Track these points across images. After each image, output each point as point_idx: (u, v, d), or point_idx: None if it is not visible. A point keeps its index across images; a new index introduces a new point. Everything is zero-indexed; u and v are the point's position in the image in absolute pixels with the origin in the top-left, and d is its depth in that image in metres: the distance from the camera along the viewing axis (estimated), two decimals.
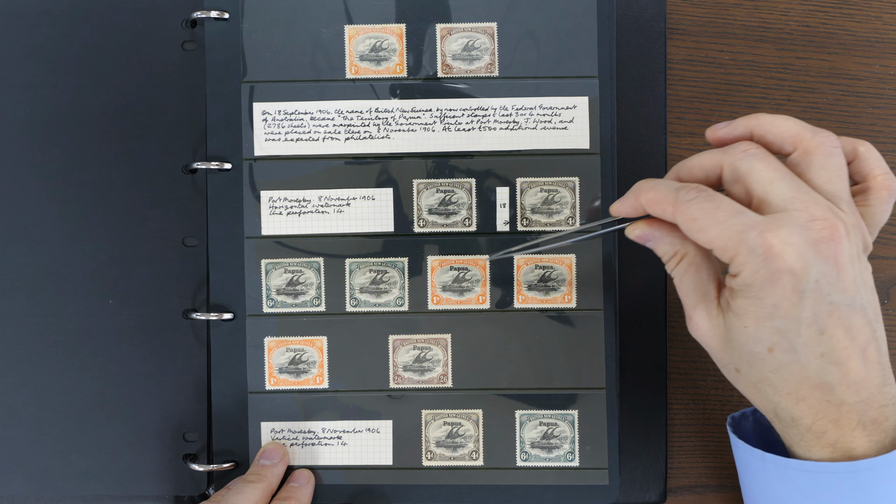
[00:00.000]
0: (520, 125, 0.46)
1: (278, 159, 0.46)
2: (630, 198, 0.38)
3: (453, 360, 0.46)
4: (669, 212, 0.36)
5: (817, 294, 0.34)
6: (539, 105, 0.46)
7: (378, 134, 0.46)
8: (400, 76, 0.46)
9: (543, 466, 0.46)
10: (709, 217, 0.35)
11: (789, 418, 0.36)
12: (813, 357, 0.35)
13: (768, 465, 0.38)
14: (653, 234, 0.38)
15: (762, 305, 0.34)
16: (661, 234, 0.38)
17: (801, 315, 0.34)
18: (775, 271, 0.34)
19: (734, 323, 0.36)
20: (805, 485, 0.37)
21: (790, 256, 0.34)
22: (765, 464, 0.38)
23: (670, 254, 0.38)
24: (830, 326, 0.34)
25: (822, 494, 0.36)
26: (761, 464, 0.39)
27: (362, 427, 0.46)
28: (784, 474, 0.37)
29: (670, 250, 0.38)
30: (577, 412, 0.46)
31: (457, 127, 0.46)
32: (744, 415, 0.43)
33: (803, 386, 0.35)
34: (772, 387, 0.36)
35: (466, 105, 0.46)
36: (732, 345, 0.36)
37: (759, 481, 0.39)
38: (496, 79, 0.46)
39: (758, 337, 0.35)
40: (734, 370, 0.37)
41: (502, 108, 0.46)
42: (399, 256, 0.46)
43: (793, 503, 0.38)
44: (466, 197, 0.46)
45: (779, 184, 0.35)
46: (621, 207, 0.39)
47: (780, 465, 0.37)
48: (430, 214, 0.46)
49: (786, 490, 0.38)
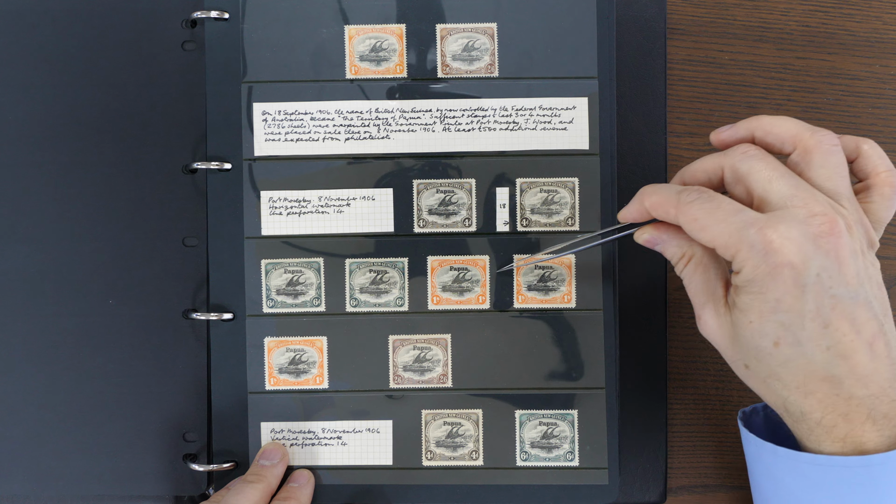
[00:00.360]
0: (519, 126, 0.46)
1: (278, 159, 0.46)
2: (636, 203, 0.39)
3: (453, 360, 0.46)
4: (672, 214, 0.37)
5: (819, 287, 0.34)
6: (539, 105, 0.46)
7: (378, 134, 0.46)
8: (400, 76, 0.46)
9: (543, 466, 0.46)
10: (709, 216, 0.36)
11: (799, 413, 0.37)
12: (819, 350, 0.35)
13: (780, 459, 0.38)
14: (660, 237, 0.39)
15: (765, 300, 0.35)
16: (668, 236, 0.39)
17: (804, 308, 0.35)
18: (776, 266, 0.34)
19: (740, 319, 0.36)
20: (817, 478, 0.37)
21: (789, 251, 0.34)
22: (776, 458, 0.39)
23: (678, 256, 0.39)
24: (835, 319, 0.35)
25: (835, 488, 0.36)
26: (773, 458, 0.39)
27: (362, 427, 0.46)
28: (796, 468, 0.38)
29: (678, 252, 0.39)
30: (577, 412, 0.46)
31: (457, 127, 0.46)
32: (754, 410, 0.43)
33: (811, 379, 0.36)
34: (780, 381, 0.36)
35: (466, 105, 0.46)
36: (740, 341, 0.37)
37: (771, 475, 0.40)
38: (496, 79, 0.46)
39: (763, 331, 0.35)
40: (743, 366, 0.38)
41: (502, 108, 0.46)
42: (399, 257, 0.46)
43: (805, 497, 0.38)
44: (466, 197, 0.46)
45: (778, 182, 0.36)
46: (628, 213, 0.40)
47: (792, 458, 0.38)
48: (430, 215, 0.46)
49: (798, 484, 0.38)
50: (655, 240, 0.39)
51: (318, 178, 0.46)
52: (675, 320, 0.48)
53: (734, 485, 0.48)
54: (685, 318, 0.48)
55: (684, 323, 0.48)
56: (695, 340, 0.48)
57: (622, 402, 0.47)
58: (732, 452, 0.48)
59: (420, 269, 0.46)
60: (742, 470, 0.48)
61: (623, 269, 0.46)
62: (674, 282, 0.48)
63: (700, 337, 0.48)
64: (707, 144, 0.48)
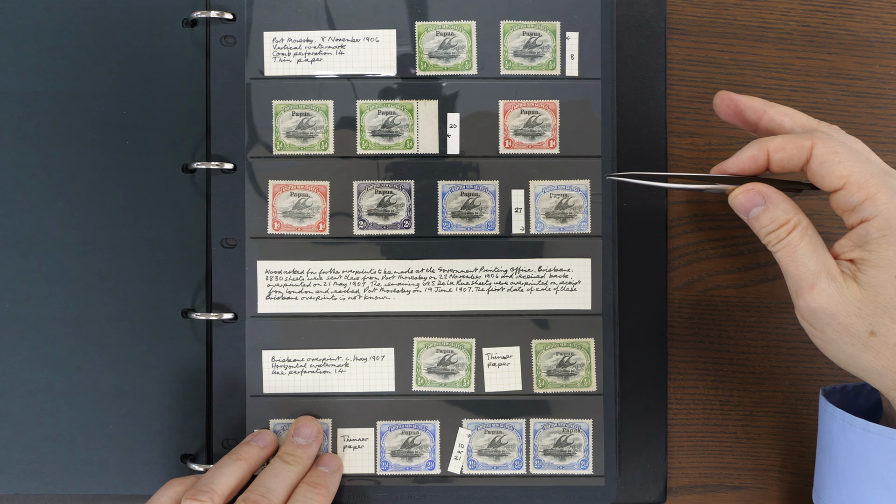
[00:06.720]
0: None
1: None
2: (751, 149, 0.37)
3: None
4: (807, 146, 0.35)
5: None
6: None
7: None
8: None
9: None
10: (849, 153, 0.34)
11: None
12: None
13: (870, 435, 0.38)
14: (768, 195, 0.37)
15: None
16: (778, 197, 0.37)
17: None
18: None
19: (877, 277, 0.34)
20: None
21: None
22: (866, 433, 0.38)
23: (781, 221, 0.36)
24: None
25: None
26: (862, 433, 0.38)
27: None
28: (887, 445, 0.37)
29: (783, 217, 0.36)
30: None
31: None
32: (833, 389, 0.42)
33: None
34: None
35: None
36: (875, 303, 0.35)
37: (855, 452, 0.39)
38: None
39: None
40: (867, 334, 0.36)
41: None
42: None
43: (890, 476, 0.37)
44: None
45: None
46: (736, 161, 0.37)
47: (886, 435, 0.37)
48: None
49: (885, 461, 0.37)
50: (760, 199, 0.37)
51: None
52: (675, 321, 0.48)
53: (734, 485, 0.48)
54: (685, 317, 0.48)
55: (684, 323, 0.48)
56: (693, 340, 0.48)
57: (622, 403, 0.47)
58: (732, 452, 0.48)
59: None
60: (742, 470, 0.48)
61: (623, 269, 0.46)
62: (674, 281, 0.48)
63: (700, 336, 0.48)
64: (707, 144, 0.48)
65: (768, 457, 0.48)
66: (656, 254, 0.47)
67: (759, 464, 0.48)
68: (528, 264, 0.46)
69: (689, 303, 0.48)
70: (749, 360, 0.48)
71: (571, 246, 0.46)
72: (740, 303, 0.48)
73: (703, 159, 0.48)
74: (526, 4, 0.46)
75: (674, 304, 0.48)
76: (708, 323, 0.48)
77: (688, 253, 0.48)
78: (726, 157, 0.39)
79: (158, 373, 0.46)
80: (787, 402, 0.48)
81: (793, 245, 0.36)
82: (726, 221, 0.48)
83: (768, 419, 0.48)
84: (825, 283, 0.35)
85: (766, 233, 0.37)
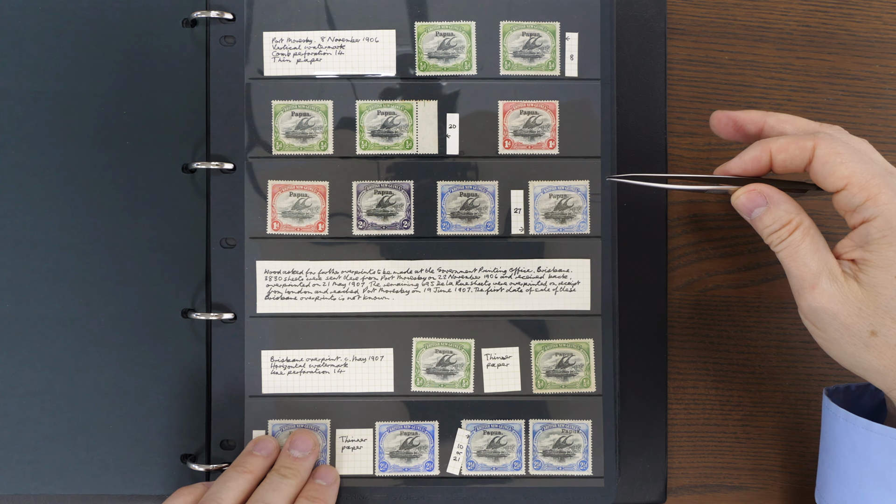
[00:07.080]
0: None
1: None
2: (754, 150, 0.37)
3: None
4: (809, 147, 0.35)
5: None
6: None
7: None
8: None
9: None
10: (852, 154, 0.34)
11: None
12: None
13: (873, 435, 0.38)
14: (770, 196, 0.37)
15: None
16: (780, 197, 0.37)
17: None
18: None
19: (878, 278, 0.35)
20: None
21: None
22: (869, 433, 0.38)
23: (783, 221, 0.37)
24: None
25: None
26: (865, 433, 0.38)
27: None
28: (891, 445, 0.37)
29: (785, 217, 0.37)
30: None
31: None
32: (836, 389, 0.42)
33: None
34: None
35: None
36: (876, 303, 0.35)
37: (859, 452, 0.39)
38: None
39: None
40: (868, 334, 0.36)
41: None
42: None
43: (894, 475, 0.37)
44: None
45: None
46: (739, 163, 0.37)
47: (889, 435, 0.37)
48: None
49: (889, 461, 0.37)
50: (762, 199, 0.37)
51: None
52: (675, 321, 0.48)
53: (734, 485, 0.48)
54: (685, 317, 0.48)
55: (684, 323, 0.48)
56: (693, 340, 0.48)
57: (622, 403, 0.47)
58: (732, 452, 0.48)
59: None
60: (742, 470, 0.48)
61: (623, 269, 0.46)
62: (674, 281, 0.48)
63: (700, 336, 0.48)
64: (707, 144, 0.48)
65: (768, 457, 0.48)
66: (656, 254, 0.47)
67: (760, 464, 0.48)
68: (528, 265, 0.46)
69: (688, 303, 0.48)
70: (749, 360, 0.48)
71: (571, 246, 0.46)
72: (740, 303, 0.48)
73: (703, 159, 0.48)
74: (525, 5, 0.46)
75: (674, 304, 0.48)
76: (708, 323, 0.48)
77: (688, 253, 0.48)
78: (726, 156, 0.39)
79: (158, 373, 0.46)
80: (788, 402, 0.48)
81: (795, 245, 0.36)
82: (726, 221, 0.48)
83: (768, 419, 0.48)
84: (826, 283, 0.36)
85: (768, 233, 0.37)
